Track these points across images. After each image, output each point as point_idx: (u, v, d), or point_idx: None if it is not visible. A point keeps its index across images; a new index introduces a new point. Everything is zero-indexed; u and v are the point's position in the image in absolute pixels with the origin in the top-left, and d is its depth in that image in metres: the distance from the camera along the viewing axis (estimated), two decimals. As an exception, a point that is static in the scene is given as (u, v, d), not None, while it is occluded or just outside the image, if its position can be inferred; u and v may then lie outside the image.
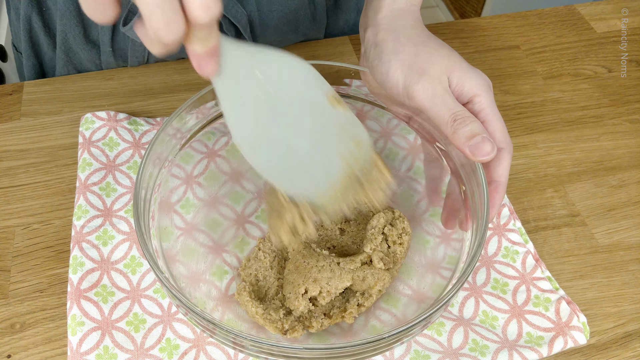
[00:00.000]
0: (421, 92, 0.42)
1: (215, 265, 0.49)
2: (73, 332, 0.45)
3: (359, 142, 0.42)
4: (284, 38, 0.70)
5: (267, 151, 0.39)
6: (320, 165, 0.41)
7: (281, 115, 0.38)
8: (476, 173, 0.42)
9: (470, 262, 0.39)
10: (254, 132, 0.38)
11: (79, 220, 0.51)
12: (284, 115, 0.39)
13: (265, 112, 0.38)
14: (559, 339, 0.47)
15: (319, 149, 0.41)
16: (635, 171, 0.60)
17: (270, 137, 0.39)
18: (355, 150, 0.42)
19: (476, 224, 0.42)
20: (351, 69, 0.49)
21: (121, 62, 0.69)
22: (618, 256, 0.53)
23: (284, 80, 0.38)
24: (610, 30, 0.76)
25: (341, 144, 0.41)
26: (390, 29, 0.47)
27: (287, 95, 0.38)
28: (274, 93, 0.38)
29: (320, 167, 0.41)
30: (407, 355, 0.45)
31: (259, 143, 0.39)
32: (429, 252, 0.49)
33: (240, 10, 0.64)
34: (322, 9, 0.70)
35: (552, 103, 0.67)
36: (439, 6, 2.18)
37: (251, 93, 0.37)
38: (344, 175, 0.42)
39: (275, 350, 0.36)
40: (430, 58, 0.43)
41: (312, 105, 0.40)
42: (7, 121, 0.61)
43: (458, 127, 0.41)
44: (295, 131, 0.39)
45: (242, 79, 0.36)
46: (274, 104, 0.38)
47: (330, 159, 0.41)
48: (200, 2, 0.29)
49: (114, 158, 0.56)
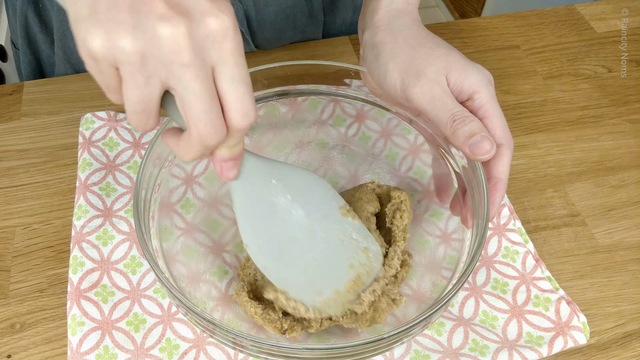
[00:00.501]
0: (419, 94, 0.42)
1: (215, 265, 0.49)
2: (73, 332, 0.45)
3: (368, 251, 0.43)
4: (281, 35, 0.70)
5: (275, 256, 0.41)
6: (328, 273, 0.42)
7: (293, 222, 0.40)
8: (476, 172, 0.42)
9: (471, 262, 0.39)
10: (264, 236, 0.40)
11: (79, 220, 0.51)
12: (296, 223, 0.40)
13: (278, 219, 0.40)
14: (559, 338, 0.47)
15: (329, 257, 0.42)
16: (635, 171, 0.60)
17: (281, 243, 0.40)
18: (365, 260, 0.43)
19: (476, 223, 0.42)
20: (351, 69, 0.49)
21: None
22: (618, 256, 0.53)
23: (299, 191, 0.40)
24: (610, 30, 0.76)
25: (351, 253, 0.42)
26: (388, 31, 0.47)
27: (301, 205, 0.40)
28: (288, 202, 0.39)
29: (328, 274, 0.42)
30: (407, 355, 0.45)
31: (268, 247, 0.40)
32: (429, 252, 0.49)
33: (236, 4, 0.64)
34: (318, 6, 0.70)
35: (552, 103, 0.67)
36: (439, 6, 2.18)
37: (266, 199, 0.39)
38: (351, 283, 0.43)
39: (275, 351, 0.36)
40: (427, 59, 0.43)
41: (325, 216, 0.41)
42: (7, 121, 0.61)
43: (457, 127, 0.40)
44: (306, 239, 0.41)
45: (258, 186, 0.38)
46: (288, 212, 0.40)
47: (339, 267, 0.42)
48: (242, 110, 0.31)
49: (114, 158, 0.56)
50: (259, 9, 0.66)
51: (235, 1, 0.64)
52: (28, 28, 0.68)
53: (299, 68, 0.49)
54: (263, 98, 0.50)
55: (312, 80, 0.50)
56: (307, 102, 0.53)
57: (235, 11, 0.64)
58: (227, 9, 0.31)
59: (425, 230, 0.50)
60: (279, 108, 0.52)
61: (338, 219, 0.42)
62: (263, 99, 0.50)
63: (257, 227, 0.40)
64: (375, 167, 0.55)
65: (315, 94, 0.51)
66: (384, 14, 0.48)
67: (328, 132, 0.55)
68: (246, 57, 0.75)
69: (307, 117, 0.53)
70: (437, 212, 0.49)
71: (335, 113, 0.54)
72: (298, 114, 0.53)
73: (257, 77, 0.48)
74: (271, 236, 0.40)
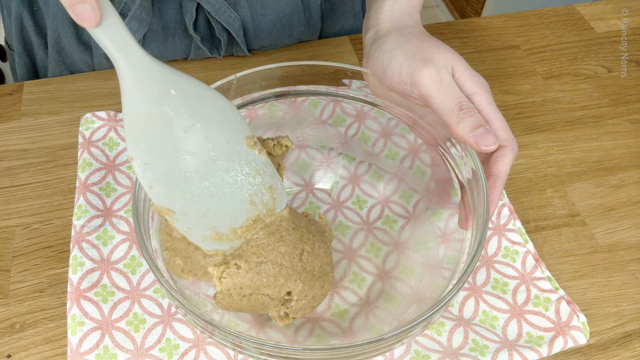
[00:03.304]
0: (426, 78, 0.42)
1: (215, 266, 0.49)
2: (73, 332, 0.45)
3: (273, 190, 0.40)
4: (278, 43, 0.69)
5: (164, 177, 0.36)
6: (224, 206, 0.39)
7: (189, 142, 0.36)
8: (476, 173, 0.42)
9: (471, 262, 0.39)
10: (153, 152, 0.35)
11: (78, 220, 0.51)
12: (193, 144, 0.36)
13: (172, 135, 0.35)
14: (558, 338, 0.47)
15: (227, 189, 0.38)
16: (635, 171, 0.60)
17: (172, 162, 0.36)
18: (269, 199, 0.40)
19: (476, 223, 0.42)
20: (351, 69, 0.49)
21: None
22: (618, 256, 0.53)
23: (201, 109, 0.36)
24: (610, 30, 0.76)
25: (253, 189, 0.39)
26: (392, 27, 0.47)
27: (201, 124, 0.36)
28: (186, 118, 0.35)
29: (225, 208, 0.39)
30: (407, 355, 0.45)
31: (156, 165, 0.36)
32: (429, 252, 0.49)
33: (233, 15, 0.64)
34: (316, 15, 0.70)
35: (552, 103, 0.67)
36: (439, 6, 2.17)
37: (160, 110, 0.35)
38: (248, 220, 0.40)
39: (274, 351, 0.36)
40: (434, 49, 0.44)
41: (228, 142, 0.38)
42: (7, 121, 0.61)
43: (464, 116, 0.41)
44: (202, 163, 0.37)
45: (153, 93, 0.34)
46: (184, 129, 0.36)
47: (238, 202, 0.39)
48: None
49: (114, 158, 0.57)
50: (256, 18, 0.66)
51: (232, 11, 0.64)
52: (23, 30, 0.68)
53: (298, 68, 0.49)
54: (262, 98, 0.50)
55: (312, 81, 0.50)
56: (306, 103, 0.53)
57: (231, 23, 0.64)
58: None
59: (425, 230, 0.50)
60: (279, 108, 0.52)
61: (243, 149, 0.38)
62: (262, 100, 0.50)
63: (146, 140, 0.35)
64: (375, 167, 0.55)
65: (315, 94, 0.51)
66: (387, 13, 0.48)
67: (328, 132, 0.55)
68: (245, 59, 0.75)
69: (307, 118, 0.53)
70: (437, 212, 0.49)
71: (335, 113, 0.54)
72: (298, 114, 0.53)
73: (256, 77, 0.48)
74: (162, 153, 0.36)
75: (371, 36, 0.49)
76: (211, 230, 0.39)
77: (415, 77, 0.43)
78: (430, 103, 0.43)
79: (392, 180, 0.54)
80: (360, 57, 0.70)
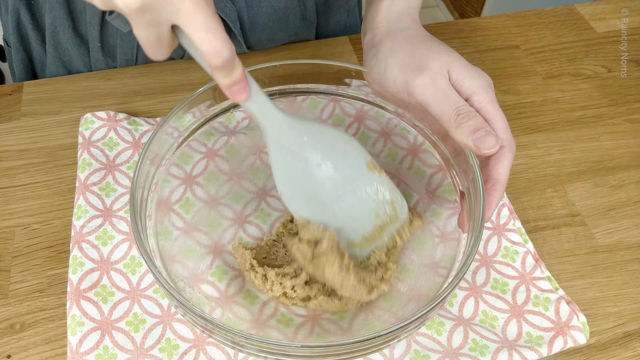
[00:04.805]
0: (421, 87, 0.42)
1: (215, 265, 0.49)
2: (73, 332, 0.45)
3: (394, 203, 0.45)
4: (274, 37, 0.69)
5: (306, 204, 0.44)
6: (354, 221, 0.45)
7: (323, 174, 0.44)
8: (473, 173, 0.42)
9: (466, 260, 0.39)
10: (295, 185, 0.44)
11: (78, 220, 0.51)
12: (325, 176, 0.44)
13: (308, 170, 0.43)
14: (558, 338, 0.46)
15: (355, 207, 0.45)
16: (635, 171, 0.60)
17: (310, 191, 0.44)
18: (390, 210, 0.46)
19: (472, 223, 0.42)
20: (351, 69, 0.49)
21: (110, 60, 0.69)
22: (618, 256, 0.53)
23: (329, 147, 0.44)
24: (610, 30, 0.76)
25: (377, 204, 0.45)
26: (388, 32, 0.47)
27: (330, 159, 0.44)
28: (318, 156, 0.43)
29: (355, 223, 0.45)
30: (407, 355, 0.45)
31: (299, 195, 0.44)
32: (427, 252, 0.49)
33: (229, 5, 0.64)
34: (311, 8, 0.70)
35: (552, 103, 0.67)
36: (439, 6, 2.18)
37: (298, 153, 0.43)
38: (377, 229, 0.46)
39: (273, 349, 0.36)
40: (428, 54, 0.43)
41: (353, 170, 0.44)
42: (7, 121, 0.61)
43: (462, 121, 0.40)
44: (334, 190, 0.44)
45: (291, 141, 0.43)
46: (318, 165, 0.44)
47: (365, 216, 0.45)
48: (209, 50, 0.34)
49: (114, 158, 0.57)
50: (252, 10, 0.66)
51: (228, 2, 0.64)
52: (20, 25, 0.68)
53: (299, 67, 0.49)
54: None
55: (312, 80, 0.50)
56: (307, 102, 0.53)
57: (228, 13, 0.64)
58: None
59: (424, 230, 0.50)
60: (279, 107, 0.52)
61: (365, 173, 0.45)
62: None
63: (289, 176, 0.44)
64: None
65: (315, 93, 0.51)
66: (384, 16, 0.48)
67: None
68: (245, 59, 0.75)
69: (307, 117, 0.53)
70: (437, 212, 0.49)
71: (335, 113, 0.54)
72: (298, 113, 0.53)
73: (257, 76, 0.48)
74: (302, 185, 0.44)
75: (368, 42, 0.48)
76: (346, 239, 0.46)
77: (410, 88, 0.43)
78: (429, 111, 0.43)
79: (392, 181, 0.54)
80: (360, 57, 0.70)
